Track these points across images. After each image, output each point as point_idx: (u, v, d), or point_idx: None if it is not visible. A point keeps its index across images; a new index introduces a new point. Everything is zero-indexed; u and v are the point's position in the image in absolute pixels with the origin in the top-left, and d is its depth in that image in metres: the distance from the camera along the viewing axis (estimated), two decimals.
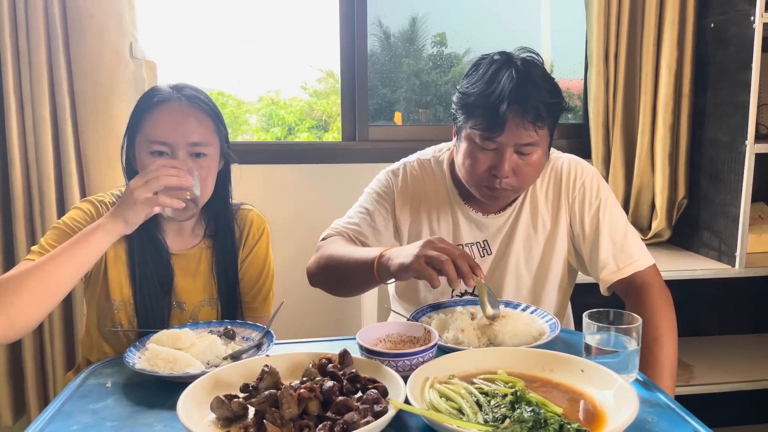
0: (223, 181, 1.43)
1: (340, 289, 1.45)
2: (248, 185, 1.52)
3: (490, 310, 1.23)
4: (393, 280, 1.23)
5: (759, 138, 2.05)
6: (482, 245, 1.50)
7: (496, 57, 1.36)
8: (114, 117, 1.90)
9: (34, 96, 1.87)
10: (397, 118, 2.59)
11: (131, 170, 1.38)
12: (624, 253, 1.40)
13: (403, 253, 1.14)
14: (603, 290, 1.45)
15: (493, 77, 1.31)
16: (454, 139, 1.44)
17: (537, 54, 1.38)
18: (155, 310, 1.37)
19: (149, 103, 1.32)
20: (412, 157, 1.57)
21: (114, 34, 1.88)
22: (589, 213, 1.45)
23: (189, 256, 1.42)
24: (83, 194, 1.95)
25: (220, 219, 1.45)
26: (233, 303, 1.46)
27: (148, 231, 1.37)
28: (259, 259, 1.50)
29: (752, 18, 1.95)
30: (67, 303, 1.98)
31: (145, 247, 1.37)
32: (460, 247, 1.49)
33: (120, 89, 1.90)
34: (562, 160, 1.50)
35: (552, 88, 1.33)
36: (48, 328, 1.97)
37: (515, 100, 1.27)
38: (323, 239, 1.48)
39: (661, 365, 1.30)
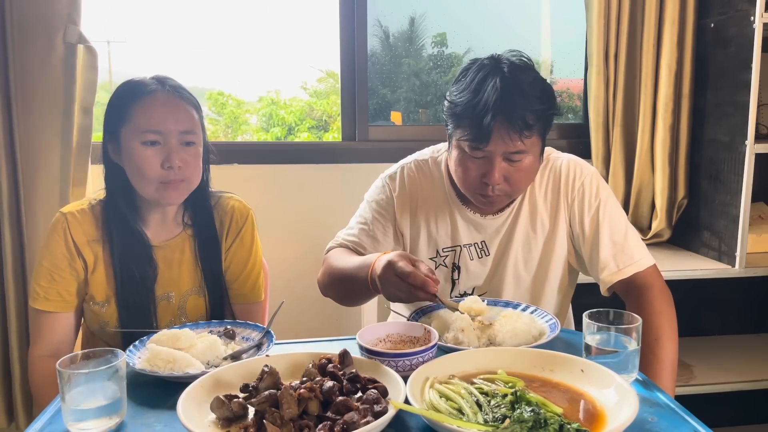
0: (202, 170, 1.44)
1: (349, 301, 1.49)
2: (249, 185, 1.52)
3: (452, 303, 1.29)
4: None
5: (759, 138, 2.05)
6: (480, 246, 1.50)
7: (485, 62, 1.34)
8: (42, 102, 1.85)
9: None
10: (395, 117, 2.59)
11: (110, 164, 1.38)
12: (624, 254, 1.40)
13: (378, 284, 1.21)
14: (603, 291, 1.44)
15: (479, 86, 1.30)
16: (447, 144, 1.44)
17: (527, 58, 1.36)
18: (140, 304, 1.37)
19: (137, 93, 1.33)
20: (410, 159, 1.56)
21: (46, 15, 1.81)
22: (589, 214, 1.44)
23: (172, 247, 1.43)
24: (14, 186, 1.88)
25: (200, 207, 1.46)
26: (219, 290, 1.47)
27: (130, 225, 1.37)
28: (245, 246, 1.50)
29: (752, 18, 1.95)
30: None
31: (126, 243, 1.37)
32: (458, 248, 1.50)
33: (49, 75, 1.83)
34: (561, 160, 1.50)
35: (542, 93, 1.32)
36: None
37: (500, 110, 1.27)
38: (327, 251, 1.50)
39: (661, 365, 1.30)
